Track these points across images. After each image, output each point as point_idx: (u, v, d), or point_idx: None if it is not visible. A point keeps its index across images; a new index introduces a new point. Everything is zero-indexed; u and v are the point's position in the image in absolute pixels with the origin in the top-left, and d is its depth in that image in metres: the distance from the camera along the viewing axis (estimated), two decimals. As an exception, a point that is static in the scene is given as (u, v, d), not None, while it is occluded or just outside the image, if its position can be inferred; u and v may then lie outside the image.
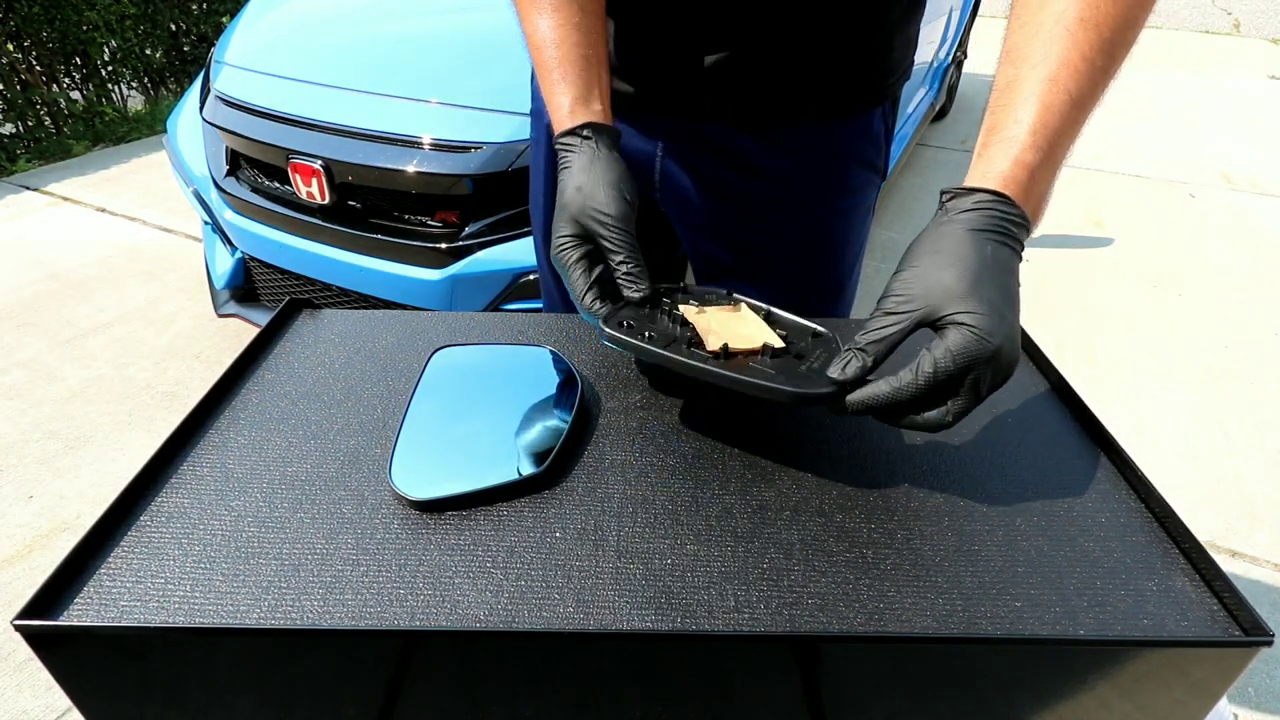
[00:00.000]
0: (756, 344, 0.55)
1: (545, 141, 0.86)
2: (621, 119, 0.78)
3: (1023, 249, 0.51)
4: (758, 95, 0.75)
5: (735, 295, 0.64)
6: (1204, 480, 1.80)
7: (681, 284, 0.65)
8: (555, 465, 0.53)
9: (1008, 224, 0.49)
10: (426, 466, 0.53)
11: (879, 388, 0.49)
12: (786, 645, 0.43)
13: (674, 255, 0.94)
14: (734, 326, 0.57)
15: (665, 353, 0.52)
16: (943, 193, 0.52)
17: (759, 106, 0.75)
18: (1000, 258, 0.49)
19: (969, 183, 0.51)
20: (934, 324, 0.48)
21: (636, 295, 0.60)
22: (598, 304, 0.60)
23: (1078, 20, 0.51)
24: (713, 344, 0.54)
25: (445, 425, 0.57)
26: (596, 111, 0.67)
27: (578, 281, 0.62)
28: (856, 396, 0.50)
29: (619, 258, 0.61)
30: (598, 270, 0.62)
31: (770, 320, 0.61)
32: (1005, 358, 0.47)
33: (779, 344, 0.55)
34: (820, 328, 0.60)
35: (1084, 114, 0.52)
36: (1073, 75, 0.50)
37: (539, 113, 0.88)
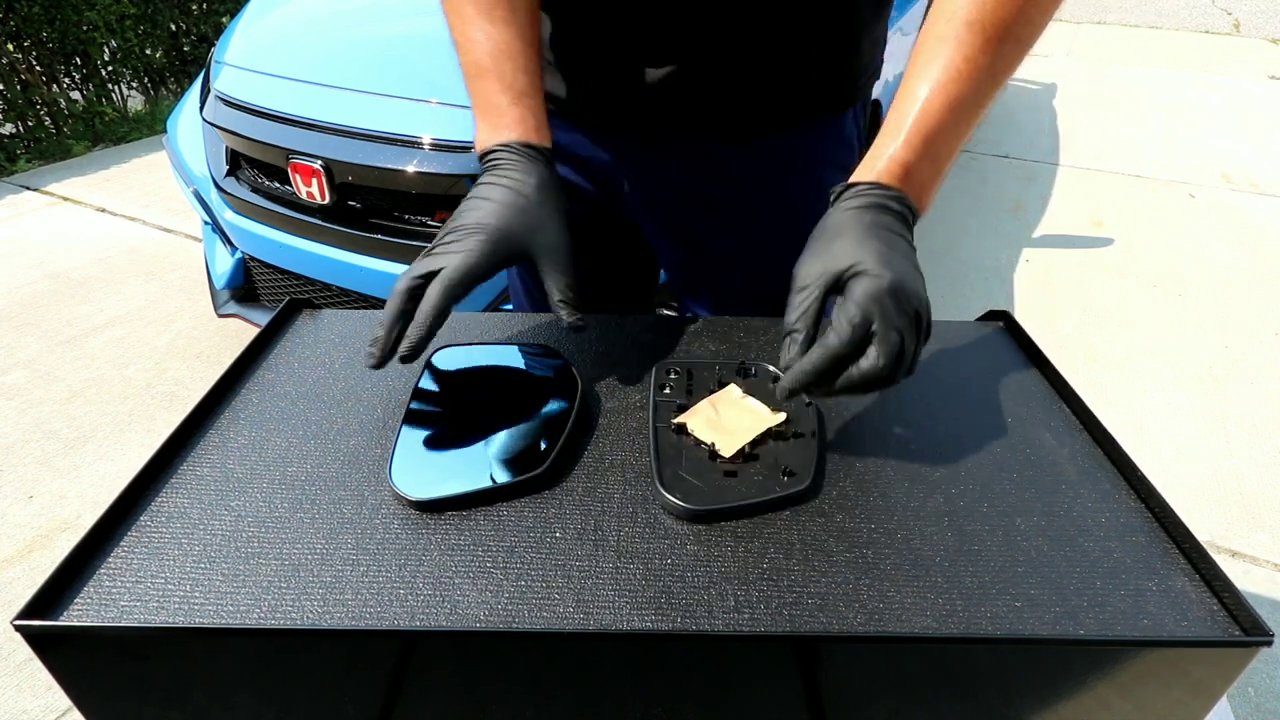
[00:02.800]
0: (760, 428, 0.56)
1: None
2: (590, 131, 0.78)
3: (909, 221, 0.57)
4: (726, 104, 0.74)
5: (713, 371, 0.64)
6: (1204, 480, 1.80)
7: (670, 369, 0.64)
8: (555, 465, 0.53)
9: (886, 201, 0.56)
10: (426, 466, 0.53)
11: (809, 356, 0.51)
12: (786, 645, 0.43)
13: (643, 268, 0.93)
14: (730, 420, 0.57)
15: (759, 499, 0.51)
16: (830, 191, 0.59)
17: (728, 116, 0.74)
18: (881, 222, 0.55)
19: (852, 179, 0.59)
20: (838, 288, 0.53)
21: (576, 323, 0.61)
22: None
23: (964, 23, 0.56)
24: (728, 448, 0.54)
25: (445, 425, 0.57)
26: (546, 135, 0.67)
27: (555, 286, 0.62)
28: (792, 374, 0.52)
29: (565, 281, 0.61)
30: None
31: (744, 374, 0.62)
32: (905, 291, 0.51)
33: (778, 421, 0.57)
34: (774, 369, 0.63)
35: (967, 113, 0.58)
36: (954, 79, 0.56)
37: None
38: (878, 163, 0.58)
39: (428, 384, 0.61)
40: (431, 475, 0.52)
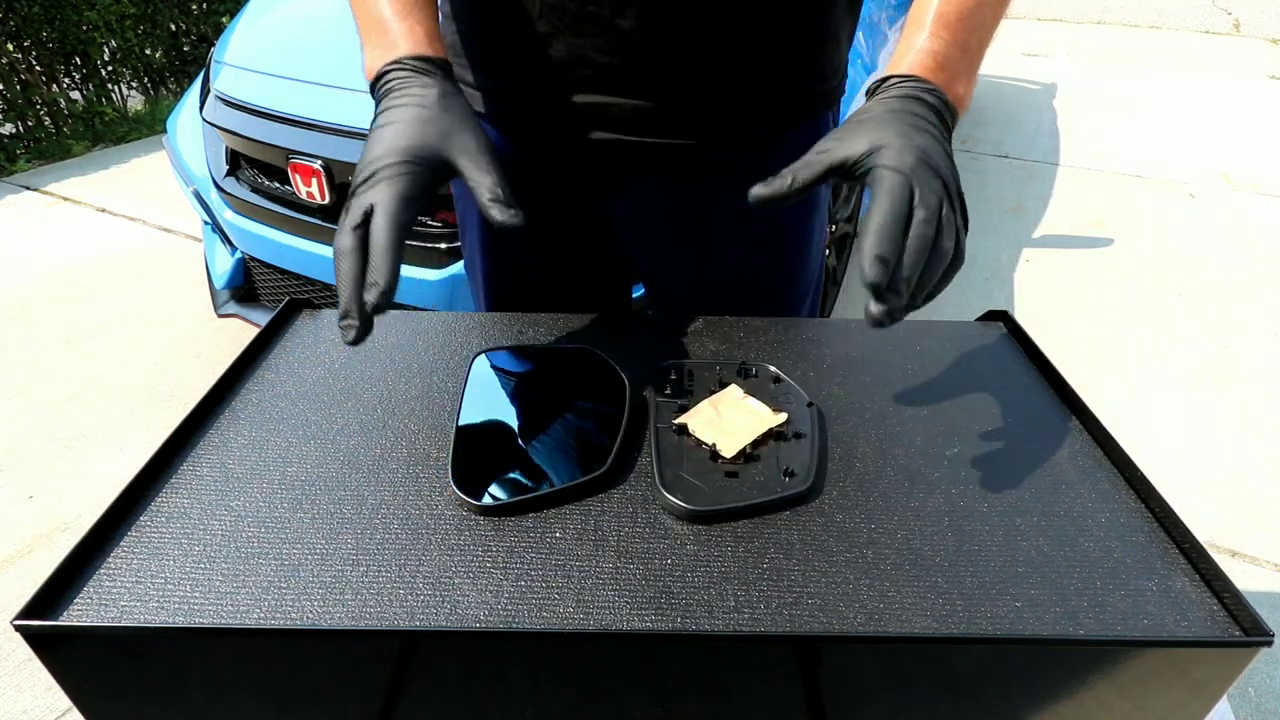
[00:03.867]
0: (761, 429, 0.56)
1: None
2: (564, 138, 0.74)
3: (945, 116, 0.56)
4: (711, 114, 0.72)
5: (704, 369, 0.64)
6: (1204, 480, 1.80)
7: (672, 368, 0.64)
8: (614, 465, 0.53)
9: (919, 93, 0.55)
10: (488, 472, 0.53)
11: (870, 229, 0.48)
12: (786, 645, 0.43)
13: (618, 277, 0.91)
14: (731, 420, 0.57)
15: (760, 500, 0.51)
16: (866, 88, 0.58)
17: (712, 125, 0.72)
18: (910, 109, 0.54)
19: (884, 73, 0.58)
20: (855, 164, 0.52)
21: (512, 218, 0.54)
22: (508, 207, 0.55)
23: None
24: (729, 448, 0.54)
25: (498, 430, 0.58)
26: (439, 45, 0.62)
27: (480, 175, 0.56)
28: (868, 257, 0.48)
29: (491, 179, 0.55)
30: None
31: (745, 375, 0.62)
32: (932, 160, 0.51)
33: (778, 421, 0.57)
34: (774, 368, 0.63)
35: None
36: None
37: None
38: (906, 55, 0.57)
39: (476, 389, 0.61)
40: (494, 480, 0.52)
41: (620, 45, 0.67)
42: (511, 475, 0.52)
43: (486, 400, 0.60)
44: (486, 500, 0.50)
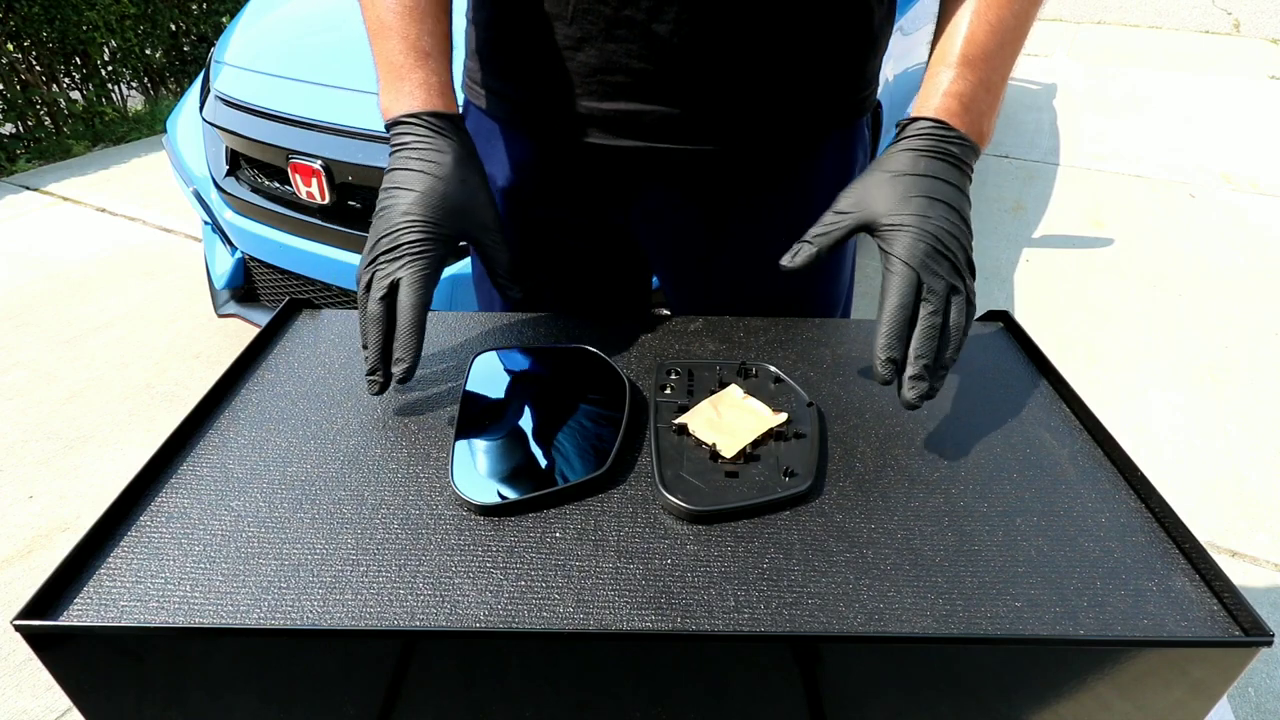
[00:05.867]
0: (761, 429, 0.56)
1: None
2: (592, 140, 0.72)
3: (969, 162, 0.60)
4: (745, 121, 0.70)
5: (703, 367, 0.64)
6: (1204, 480, 1.80)
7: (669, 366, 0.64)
8: (615, 465, 0.54)
9: (946, 144, 0.59)
10: (487, 471, 0.53)
11: (881, 326, 0.55)
12: (786, 645, 0.43)
13: (637, 273, 0.90)
14: (731, 420, 0.57)
15: (760, 500, 0.51)
16: (896, 125, 0.61)
17: (745, 133, 0.71)
18: (933, 169, 0.58)
19: (911, 114, 0.61)
20: (873, 231, 0.58)
21: (515, 295, 0.64)
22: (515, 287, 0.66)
23: None
24: (729, 448, 0.54)
25: (498, 429, 0.57)
26: (451, 100, 0.64)
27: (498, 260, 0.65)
28: (881, 348, 0.54)
29: (506, 257, 0.64)
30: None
31: (745, 375, 0.62)
32: (942, 243, 0.55)
33: (779, 421, 0.57)
34: (774, 368, 0.63)
35: (1011, 34, 0.61)
36: (991, 5, 0.60)
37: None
38: (933, 98, 0.60)
39: (476, 389, 0.61)
40: (494, 480, 0.52)
41: (656, 51, 0.66)
42: (511, 475, 0.53)
43: (486, 400, 0.60)
44: (486, 500, 0.50)
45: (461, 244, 0.63)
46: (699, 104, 0.69)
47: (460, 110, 0.65)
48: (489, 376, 0.62)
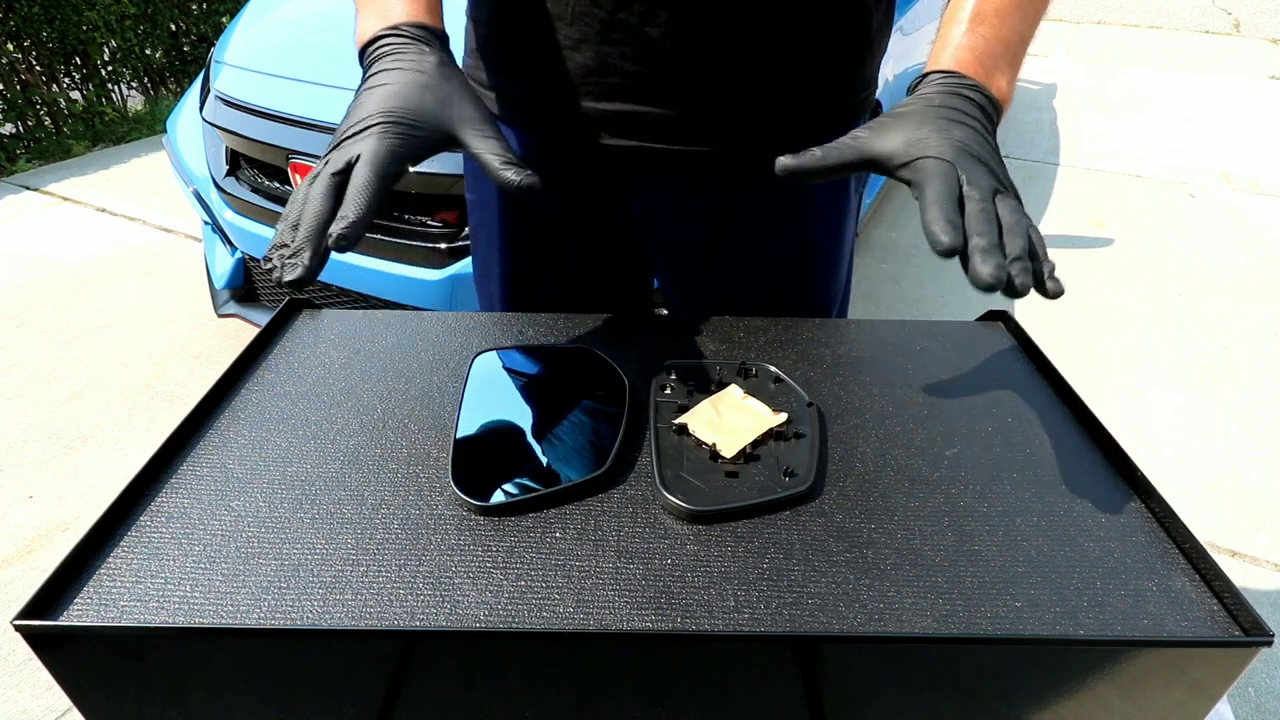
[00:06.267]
0: (761, 429, 0.56)
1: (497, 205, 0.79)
2: (593, 139, 0.72)
3: (984, 108, 0.55)
4: (740, 123, 0.70)
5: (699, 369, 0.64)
6: (1204, 480, 1.80)
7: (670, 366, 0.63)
8: (615, 465, 0.53)
9: (958, 88, 0.55)
10: (488, 472, 0.53)
11: (927, 206, 0.47)
12: (786, 645, 0.43)
13: (637, 273, 0.90)
14: (731, 420, 0.57)
15: (760, 500, 0.51)
16: (907, 89, 0.58)
17: (741, 134, 0.71)
18: (951, 104, 0.53)
19: (926, 69, 0.57)
20: (893, 165, 0.52)
21: (528, 179, 0.53)
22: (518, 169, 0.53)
23: None
24: (729, 448, 0.54)
25: (498, 430, 0.57)
26: (438, 17, 0.60)
27: (483, 141, 0.54)
28: (933, 220, 0.46)
29: (497, 144, 0.54)
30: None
31: (745, 375, 0.62)
32: (976, 152, 0.50)
33: (779, 421, 0.56)
34: (774, 368, 0.63)
35: None
36: None
37: (476, 172, 0.81)
38: (944, 52, 0.57)
39: (476, 388, 0.60)
40: (495, 481, 0.52)
41: (650, 54, 0.66)
42: (511, 475, 0.52)
43: (487, 400, 0.60)
44: (486, 500, 0.50)
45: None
46: (693, 106, 0.69)
47: (443, 30, 0.60)
48: (489, 376, 0.62)
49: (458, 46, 0.74)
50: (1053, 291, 0.46)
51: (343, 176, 0.50)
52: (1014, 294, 0.44)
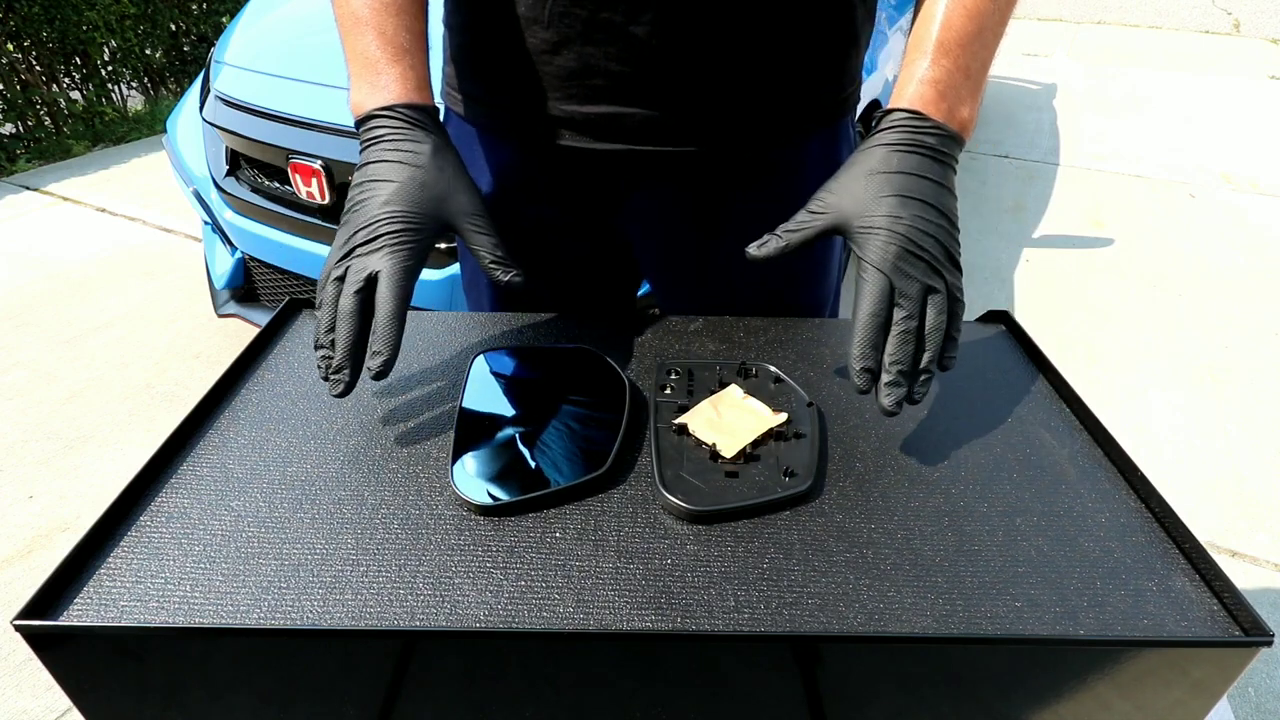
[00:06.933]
0: (761, 429, 0.56)
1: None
2: (581, 142, 0.71)
3: (949, 153, 0.58)
4: (726, 122, 0.70)
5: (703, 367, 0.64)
6: (1204, 480, 1.80)
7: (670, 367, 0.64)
8: (615, 465, 0.54)
9: (921, 135, 0.57)
10: (488, 472, 0.53)
11: (855, 333, 0.53)
12: (786, 645, 0.43)
13: (625, 277, 0.89)
14: (731, 420, 0.57)
15: (760, 500, 0.51)
16: (873, 116, 0.58)
17: (727, 133, 0.71)
18: (907, 165, 0.56)
19: (890, 105, 0.59)
20: (847, 235, 0.57)
21: (515, 279, 0.59)
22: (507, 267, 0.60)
23: None
24: (729, 448, 0.54)
25: (499, 430, 0.57)
26: (428, 93, 0.62)
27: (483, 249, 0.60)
28: (855, 357, 0.53)
29: (491, 242, 0.59)
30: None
31: (745, 375, 0.62)
32: (915, 244, 0.54)
33: (779, 421, 0.56)
34: (774, 368, 0.63)
35: (990, 20, 0.59)
36: None
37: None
38: (908, 87, 0.58)
39: (475, 389, 0.60)
40: (495, 480, 0.52)
41: (635, 53, 0.66)
42: (511, 475, 0.52)
43: (486, 400, 0.60)
44: (486, 500, 0.50)
45: (445, 246, 0.61)
46: (679, 105, 0.69)
47: (438, 106, 0.63)
48: (489, 377, 0.62)
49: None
50: (887, 408, 0.53)
51: (367, 293, 0.55)
52: (883, 410, 0.53)
